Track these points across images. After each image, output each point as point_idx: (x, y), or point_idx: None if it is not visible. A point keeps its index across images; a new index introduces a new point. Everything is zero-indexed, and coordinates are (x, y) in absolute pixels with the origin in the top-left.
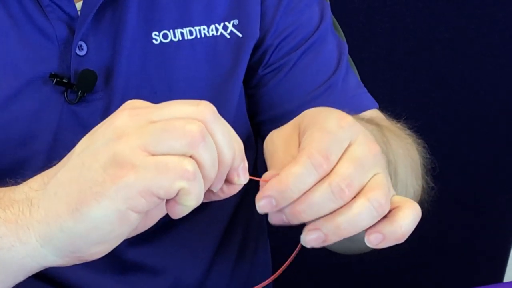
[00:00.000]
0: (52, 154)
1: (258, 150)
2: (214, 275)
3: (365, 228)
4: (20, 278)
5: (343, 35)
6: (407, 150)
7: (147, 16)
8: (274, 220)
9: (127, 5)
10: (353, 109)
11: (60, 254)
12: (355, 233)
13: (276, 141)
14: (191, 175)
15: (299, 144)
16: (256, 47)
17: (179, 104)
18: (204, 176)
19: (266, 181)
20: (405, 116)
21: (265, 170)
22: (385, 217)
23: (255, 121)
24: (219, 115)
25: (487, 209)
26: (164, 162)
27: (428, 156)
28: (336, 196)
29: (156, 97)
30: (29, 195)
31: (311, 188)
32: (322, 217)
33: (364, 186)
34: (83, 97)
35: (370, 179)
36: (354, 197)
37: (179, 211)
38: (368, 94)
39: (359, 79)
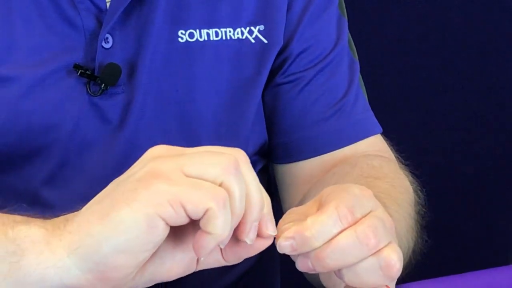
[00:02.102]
0: (70, 143)
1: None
2: None
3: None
4: None
5: (356, 54)
6: (407, 213)
7: (174, 14)
8: (301, 266)
9: (155, 2)
10: (359, 134)
11: (84, 266)
12: (342, 264)
13: (293, 214)
14: (221, 200)
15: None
16: (277, 54)
17: (213, 147)
18: (232, 208)
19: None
20: (414, 103)
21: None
22: None
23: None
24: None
25: (496, 195)
26: (199, 182)
27: (423, 201)
28: (361, 242)
29: (177, 95)
30: (67, 216)
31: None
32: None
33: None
34: (105, 90)
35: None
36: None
37: (206, 243)
38: (374, 118)
39: (367, 101)
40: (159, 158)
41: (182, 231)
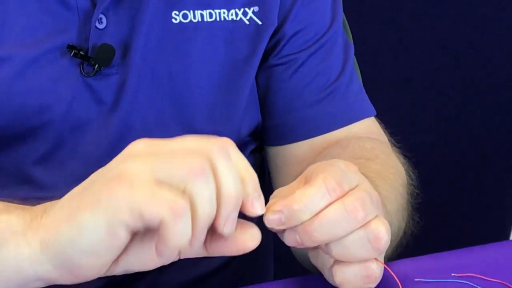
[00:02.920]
0: (64, 124)
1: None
2: None
3: (340, 235)
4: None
5: (351, 36)
6: (398, 193)
7: None
8: (288, 240)
9: None
10: (352, 116)
11: (55, 262)
12: (331, 237)
13: (281, 192)
14: (176, 211)
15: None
16: (271, 36)
17: (194, 138)
18: (198, 213)
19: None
20: (408, 86)
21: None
22: None
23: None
24: (233, 150)
25: (494, 171)
26: (160, 191)
27: (414, 179)
28: (350, 215)
29: (171, 76)
30: (46, 206)
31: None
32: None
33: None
34: (99, 71)
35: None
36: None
37: (164, 251)
38: (368, 101)
39: (361, 83)
40: (134, 157)
41: None
